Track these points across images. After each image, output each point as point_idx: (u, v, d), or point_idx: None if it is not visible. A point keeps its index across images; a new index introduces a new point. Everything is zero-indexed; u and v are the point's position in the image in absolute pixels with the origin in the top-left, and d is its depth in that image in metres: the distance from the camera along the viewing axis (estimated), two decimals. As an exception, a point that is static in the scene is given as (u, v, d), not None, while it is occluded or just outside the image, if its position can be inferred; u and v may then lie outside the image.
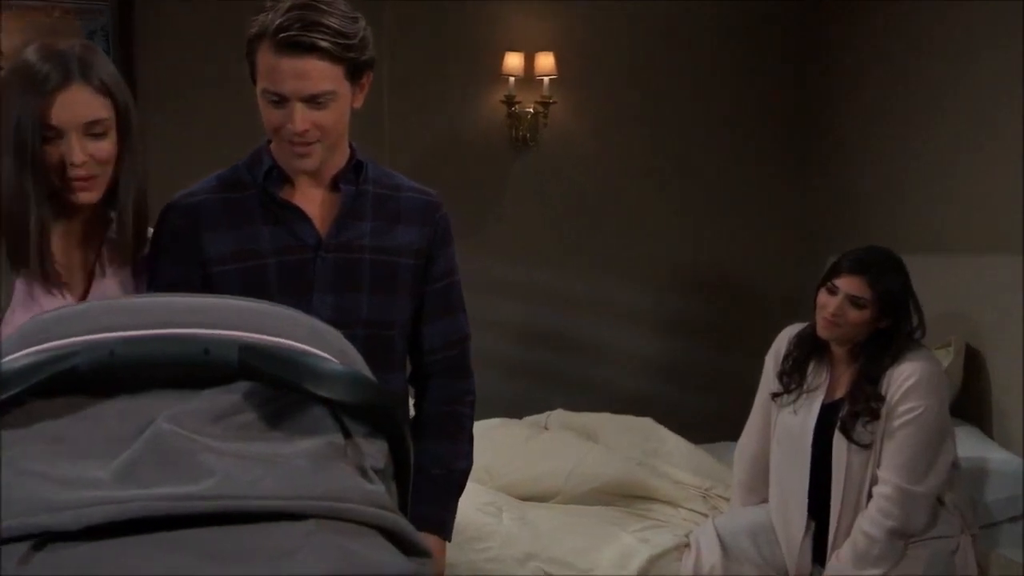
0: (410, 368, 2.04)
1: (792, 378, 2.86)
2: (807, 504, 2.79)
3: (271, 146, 1.86)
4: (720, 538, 2.88)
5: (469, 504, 2.69)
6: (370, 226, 1.88)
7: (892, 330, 2.73)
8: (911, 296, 2.76)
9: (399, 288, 1.90)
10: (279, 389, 0.78)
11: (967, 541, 2.74)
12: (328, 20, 1.70)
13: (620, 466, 3.50)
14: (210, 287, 1.80)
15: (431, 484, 1.92)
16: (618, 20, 4.61)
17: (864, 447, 2.68)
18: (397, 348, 1.94)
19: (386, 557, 0.73)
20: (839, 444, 2.72)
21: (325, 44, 1.69)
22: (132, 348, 0.76)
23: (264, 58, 1.71)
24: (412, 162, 4.13)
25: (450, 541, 1.99)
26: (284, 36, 1.68)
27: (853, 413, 2.70)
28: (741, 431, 3.07)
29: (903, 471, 2.64)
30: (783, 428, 2.87)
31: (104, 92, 1.66)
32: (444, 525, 1.96)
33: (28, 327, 0.80)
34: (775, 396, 2.88)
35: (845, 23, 4.57)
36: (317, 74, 1.70)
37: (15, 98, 1.62)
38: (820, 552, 2.80)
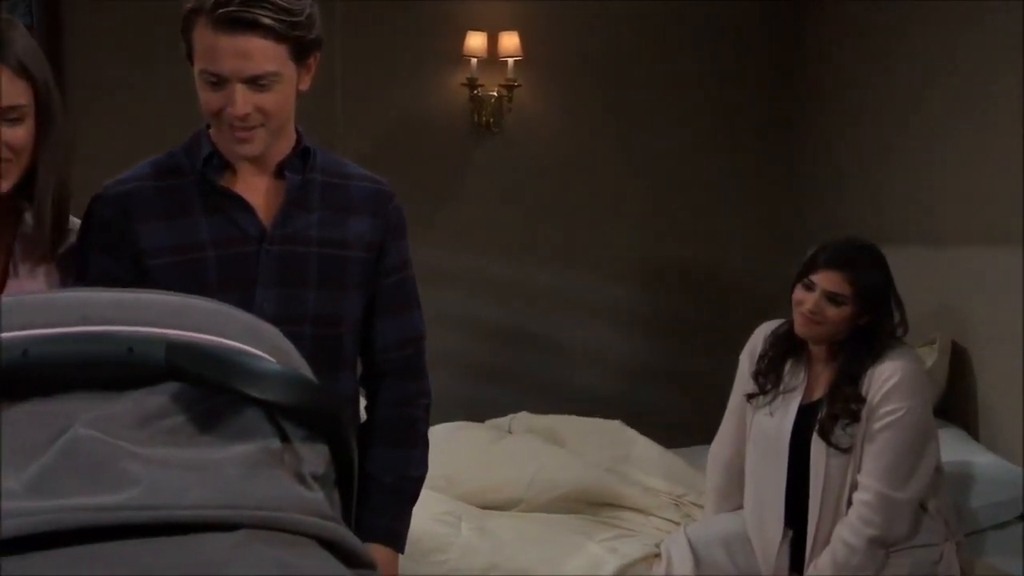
0: (361, 368, 2.03)
1: (768, 378, 2.87)
2: (784, 511, 2.80)
3: (211, 131, 1.83)
4: (692, 547, 2.89)
5: (425, 513, 2.69)
6: (318, 217, 1.87)
7: (873, 327, 2.74)
8: (892, 291, 2.77)
9: (349, 283, 1.89)
10: (210, 390, 0.76)
11: (951, 549, 2.77)
12: None
13: (587, 472, 3.51)
14: (145, 282, 1.77)
15: (382, 492, 1.92)
16: (586, -2, 4.62)
17: (843, 451, 2.70)
18: (347, 347, 1.93)
19: (324, 569, 0.72)
20: (817, 448, 2.74)
21: (268, 21, 1.66)
22: (48, 347, 0.74)
23: (201, 35, 1.68)
24: (367, 149, 4.12)
25: (403, 553, 1.99)
26: (223, 12, 1.64)
27: (832, 415, 2.71)
28: (715, 434, 3.09)
29: (884, 476, 2.66)
30: (759, 431, 2.88)
31: (22, 74, 1.60)
32: (396, 536, 1.96)
33: None
34: (750, 397, 2.90)
35: (824, 11, 4.60)
36: (259, 54, 1.68)
37: None
38: (797, 561, 2.81)
